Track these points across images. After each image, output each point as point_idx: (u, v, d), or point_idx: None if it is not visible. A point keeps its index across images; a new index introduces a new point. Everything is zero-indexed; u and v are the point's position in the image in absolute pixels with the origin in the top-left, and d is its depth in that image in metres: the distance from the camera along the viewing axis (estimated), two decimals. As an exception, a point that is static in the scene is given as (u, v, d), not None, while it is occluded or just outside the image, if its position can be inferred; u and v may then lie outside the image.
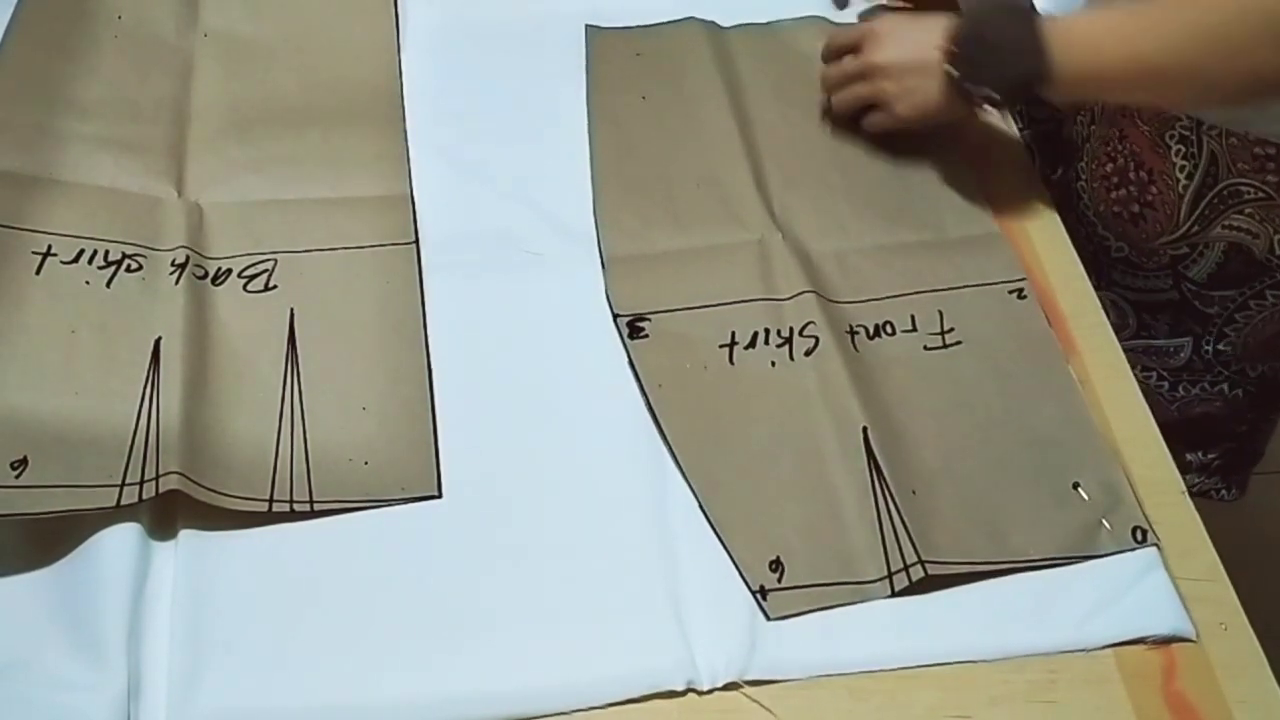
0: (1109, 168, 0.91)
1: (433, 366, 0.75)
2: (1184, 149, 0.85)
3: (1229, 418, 0.98)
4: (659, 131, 0.90)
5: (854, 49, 0.87)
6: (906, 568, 0.67)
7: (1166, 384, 0.96)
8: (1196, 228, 0.86)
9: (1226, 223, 0.85)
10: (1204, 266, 0.88)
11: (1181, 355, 0.94)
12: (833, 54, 0.90)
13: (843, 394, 0.73)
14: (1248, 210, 0.84)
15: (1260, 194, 0.83)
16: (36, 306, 0.74)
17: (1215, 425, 0.98)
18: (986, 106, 0.82)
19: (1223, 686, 0.64)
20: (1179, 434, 0.82)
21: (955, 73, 0.80)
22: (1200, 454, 1.02)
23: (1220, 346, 0.92)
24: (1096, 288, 0.84)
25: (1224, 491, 1.04)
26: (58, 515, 0.65)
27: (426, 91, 0.92)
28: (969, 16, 0.81)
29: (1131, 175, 0.89)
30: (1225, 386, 0.95)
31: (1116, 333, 0.81)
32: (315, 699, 0.62)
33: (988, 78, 0.79)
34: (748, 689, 0.63)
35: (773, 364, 0.76)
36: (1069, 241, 0.86)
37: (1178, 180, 0.85)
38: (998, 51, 0.78)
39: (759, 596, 0.66)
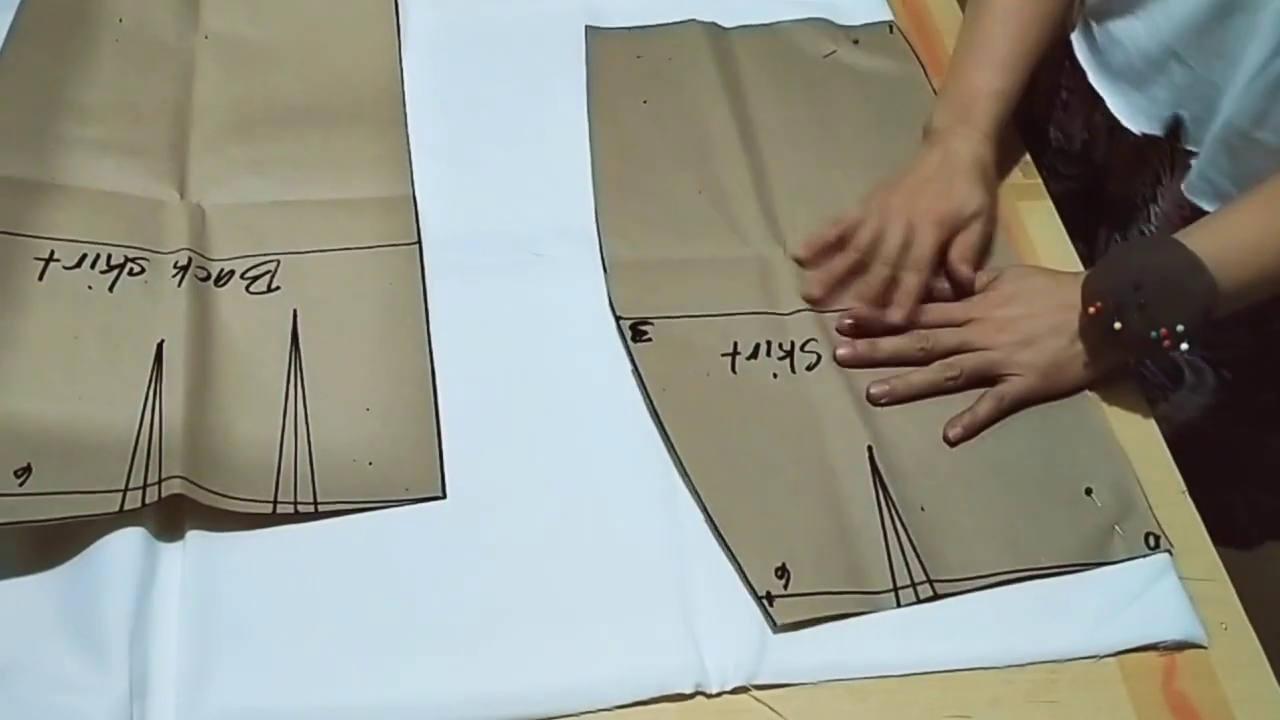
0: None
1: (436, 367, 0.75)
2: None
3: None
4: (660, 136, 0.90)
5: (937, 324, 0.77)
6: (914, 585, 0.67)
7: (1242, 441, 0.93)
8: None
9: None
10: None
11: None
12: (908, 323, 0.77)
13: (846, 412, 0.74)
14: None
15: None
16: (39, 313, 0.74)
17: None
18: (1168, 347, 0.71)
19: (1224, 686, 0.65)
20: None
21: (1119, 325, 0.71)
22: None
23: None
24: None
25: None
26: (62, 522, 0.65)
27: (428, 92, 0.92)
28: (1114, 264, 0.74)
29: None
30: None
31: (1192, 392, 0.82)
32: (322, 700, 0.62)
33: (1163, 319, 0.70)
34: (756, 692, 0.63)
35: (774, 375, 0.76)
36: (1068, 241, 0.86)
37: None
38: (1164, 289, 0.70)
39: (765, 603, 0.66)
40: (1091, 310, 0.72)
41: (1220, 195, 0.81)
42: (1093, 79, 0.88)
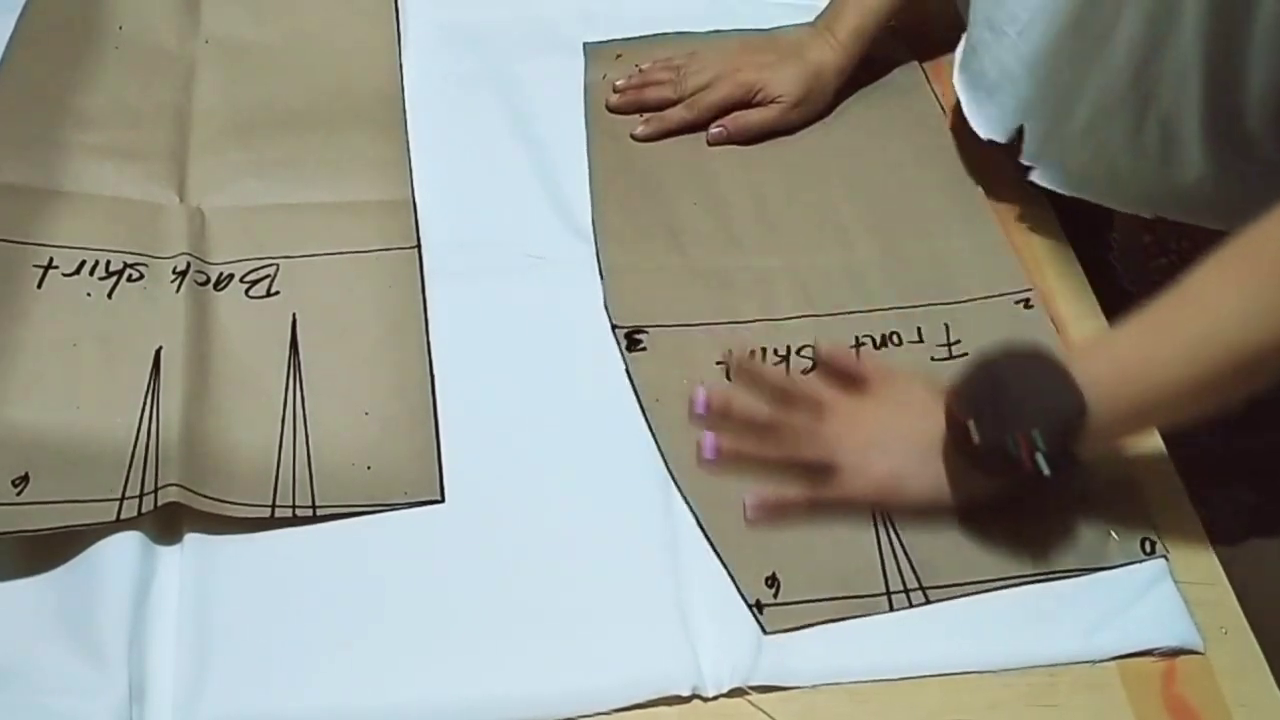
0: (1146, 239, 0.88)
1: (435, 370, 0.75)
2: None
3: None
4: (657, 146, 0.90)
5: (794, 402, 0.71)
6: (907, 591, 0.67)
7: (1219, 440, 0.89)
8: None
9: None
10: None
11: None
12: (773, 397, 0.71)
13: None
14: None
15: None
16: (38, 321, 0.74)
17: None
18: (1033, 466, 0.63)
19: (1223, 690, 0.64)
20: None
21: (977, 435, 0.63)
22: None
23: None
24: None
25: None
26: (59, 531, 0.65)
27: (428, 95, 0.92)
28: (979, 367, 0.66)
29: (1173, 244, 0.85)
30: None
31: None
32: (319, 703, 0.62)
33: (1020, 423, 0.62)
34: (753, 695, 0.63)
35: None
36: (1067, 243, 0.86)
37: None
38: (1025, 393, 0.63)
39: (755, 611, 0.66)
40: (954, 414, 0.65)
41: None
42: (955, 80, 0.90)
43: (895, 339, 0.79)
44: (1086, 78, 0.78)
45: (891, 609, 0.66)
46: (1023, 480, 0.63)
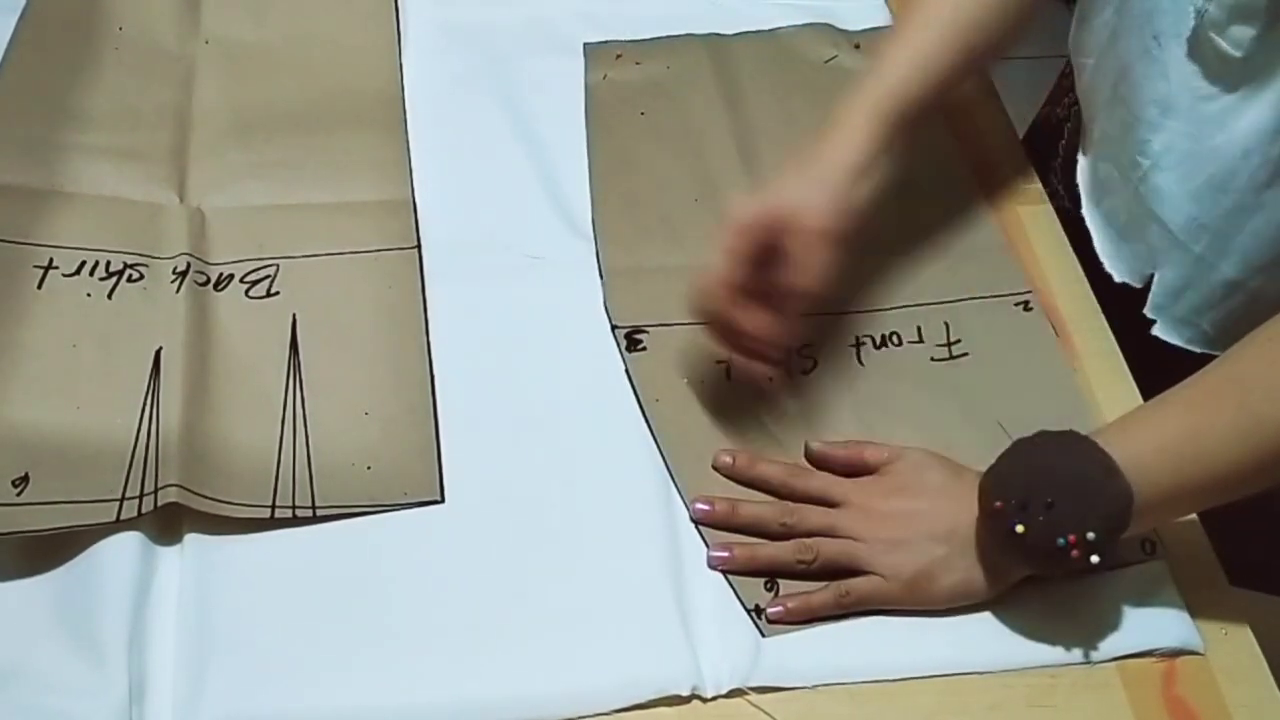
0: None
1: (435, 371, 0.75)
2: None
3: None
4: (657, 147, 0.89)
5: (811, 498, 0.69)
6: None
7: None
8: None
9: None
10: None
11: None
12: (781, 490, 0.70)
13: (844, 417, 0.74)
14: None
15: None
16: (38, 322, 0.74)
17: None
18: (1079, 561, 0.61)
19: (1223, 692, 0.65)
20: None
21: (1024, 535, 0.61)
22: None
23: None
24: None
25: None
26: (58, 532, 0.65)
27: (428, 96, 0.92)
28: (1017, 456, 0.64)
29: None
30: None
31: None
32: (319, 704, 0.62)
33: (1072, 524, 0.60)
34: (752, 695, 0.63)
35: (770, 380, 0.76)
36: (1068, 245, 0.86)
37: None
38: (1074, 489, 0.61)
39: (754, 615, 0.66)
40: (994, 507, 0.62)
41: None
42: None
43: (895, 339, 0.79)
44: (1237, 231, 0.73)
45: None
46: (1069, 570, 0.62)
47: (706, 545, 0.69)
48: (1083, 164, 0.86)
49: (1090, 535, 0.60)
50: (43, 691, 0.61)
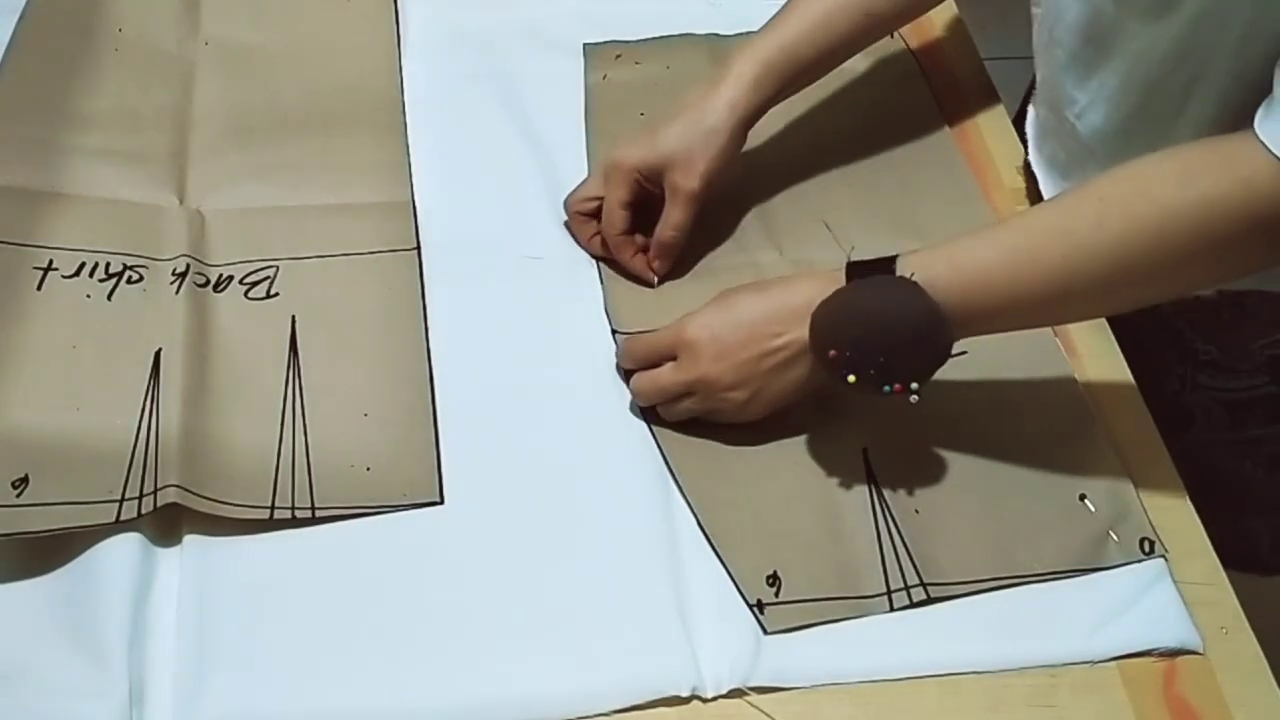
0: None
1: (435, 371, 0.75)
2: None
3: None
4: None
5: (665, 358, 0.73)
6: (908, 588, 0.67)
7: (1262, 471, 0.90)
8: None
9: None
10: None
11: None
12: (637, 364, 0.74)
13: (842, 414, 0.74)
14: None
15: None
16: (38, 323, 0.74)
17: None
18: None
19: (1224, 690, 0.65)
20: None
21: (853, 380, 0.66)
22: None
23: None
24: (1180, 391, 0.82)
25: None
26: (58, 533, 0.65)
27: (427, 97, 0.92)
28: (848, 305, 0.67)
29: None
30: None
31: (1204, 430, 0.80)
32: (319, 705, 0.62)
33: (900, 375, 0.66)
34: (752, 696, 0.63)
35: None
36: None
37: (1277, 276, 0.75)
38: (904, 346, 0.65)
39: (756, 611, 0.66)
40: (829, 355, 0.66)
41: None
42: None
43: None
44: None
45: (892, 608, 0.66)
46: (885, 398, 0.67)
47: (711, 542, 0.69)
48: (1030, 115, 0.88)
49: (914, 385, 0.65)
50: (43, 692, 0.61)
